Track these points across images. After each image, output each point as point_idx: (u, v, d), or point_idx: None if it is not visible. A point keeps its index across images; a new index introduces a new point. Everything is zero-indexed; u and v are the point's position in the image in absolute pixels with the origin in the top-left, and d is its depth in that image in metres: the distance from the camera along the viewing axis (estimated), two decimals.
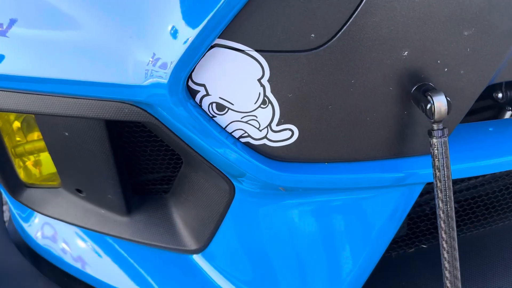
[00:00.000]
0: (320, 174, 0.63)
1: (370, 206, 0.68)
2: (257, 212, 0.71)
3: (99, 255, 0.93)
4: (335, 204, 0.68)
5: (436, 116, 0.54)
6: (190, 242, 0.81)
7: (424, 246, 0.88)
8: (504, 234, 0.91)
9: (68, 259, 0.96)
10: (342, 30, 0.52)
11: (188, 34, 0.52)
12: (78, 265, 0.95)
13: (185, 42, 0.52)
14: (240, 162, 0.61)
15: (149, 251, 0.86)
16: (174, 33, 0.53)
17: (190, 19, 0.52)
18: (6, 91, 0.68)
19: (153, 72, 0.55)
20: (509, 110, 0.75)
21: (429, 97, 0.54)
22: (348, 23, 0.52)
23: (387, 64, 0.55)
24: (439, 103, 0.53)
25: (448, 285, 0.59)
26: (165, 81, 0.56)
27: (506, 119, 0.75)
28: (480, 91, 0.59)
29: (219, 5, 0.51)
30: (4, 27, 0.64)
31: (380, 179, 0.65)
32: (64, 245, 0.98)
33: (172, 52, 0.53)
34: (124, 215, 0.85)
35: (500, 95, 0.73)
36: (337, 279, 0.75)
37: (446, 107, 0.53)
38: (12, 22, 0.65)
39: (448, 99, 0.54)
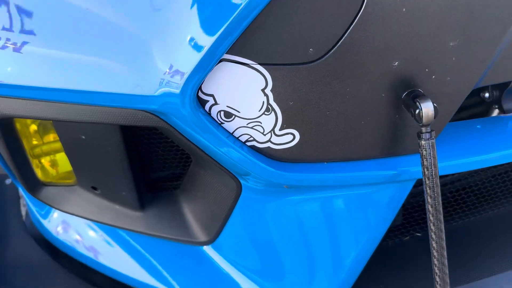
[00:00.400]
0: (319, 173, 0.69)
1: (366, 201, 0.75)
2: (262, 208, 0.77)
3: (115, 248, 1.00)
4: (334, 199, 0.75)
5: (424, 120, 0.60)
6: (200, 235, 0.88)
7: (418, 234, 0.95)
8: (494, 221, 0.97)
9: (85, 251, 1.03)
10: (338, 45, 0.58)
11: (199, 50, 0.58)
12: (94, 256, 1.02)
13: (197, 57, 0.58)
14: (246, 164, 0.68)
15: (161, 243, 0.93)
16: (187, 50, 0.59)
17: (201, 37, 0.58)
18: (30, 100, 0.74)
19: (167, 84, 0.61)
20: (495, 109, 0.80)
21: (417, 103, 0.60)
22: (343, 38, 0.58)
23: (379, 73, 0.61)
24: (427, 109, 0.59)
25: (437, 271, 0.66)
26: (177, 91, 0.61)
27: (493, 116, 0.81)
28: (465, 95, 0.65)
29: (227, 23, 0.56)
30: (25, 42, 0.70)
31: (375, 176, 0.71)
32: (80, 239, 1.04)
33: (184, 66, 0.59)
34: (138, 210, 0.92)
35: (487, 95, 0.79)
36: (338, 265, 0.81)
37: (433, 112, 0.59)
38: (35, 36, 0.70)
39: (435, 105, 0.60)
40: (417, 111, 0.60)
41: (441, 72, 0.62)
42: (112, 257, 1.00)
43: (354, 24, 0.57)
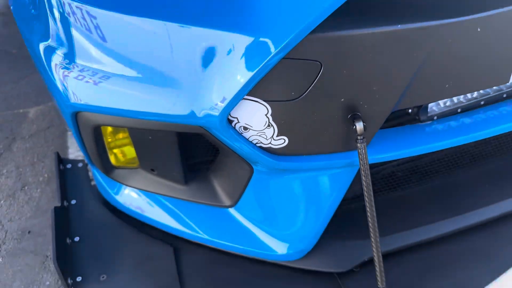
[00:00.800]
0: (301, 162, 1.17)
1: (332, 177, 1.23)
2: (267, 182, 1.26)
3: (165, 210, 1.49)
4: (312, 177, 1.23)
5: (358, 132, 1.07)
6: (226, 201, 1.37)
7: None
8: (425, 192, 1.46)
9: (142, 212, 1.53)
10: (308, 90, 1.05)
11: (231, 93, 1.05)
12: (150, 215, 1.51)
13: (229, 97, 1.05)
14: (256, 156, 1.16)
15: (200, 206, 1.42)
16: (224, 92, 1.06)
17: (233, 86, 1.05)
18: (117, 116, 1.22)
19: (212, 110, 1.08)
20: (417, 119, 1.27)
21: (354, 122, 1.08)
22: (310, 87, 1.05)
23: (333, 105, 1.08)
24: (360, 127, 1.07)
25: (369, 219, 1.15)
26: (217, 114, 1.09)
27: (415, 124, 1.28)
28: (386, 117, 1.12)
29: (250, 76, 1.03)
30: (100, 81, 1.17)
31: (337, 163, 1.20)
32: (140, 204, 1.54)
33: (221, 102, 1.06)
34: (183, 185, 1.41)
35: (410, 110, 1.26)
36: (316, 215, 1.30)
37: (363, 128, 1.07)
38: (114, 74, 1.18)
39: (364, 124, 1.08)
40: (354, 127, 1.08)
41: (369, 103, 1.09)
42: (163, 216, 1.50)
43: (316, 79, 1.04)
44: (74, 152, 2.30)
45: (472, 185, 1.45)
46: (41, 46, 1.38)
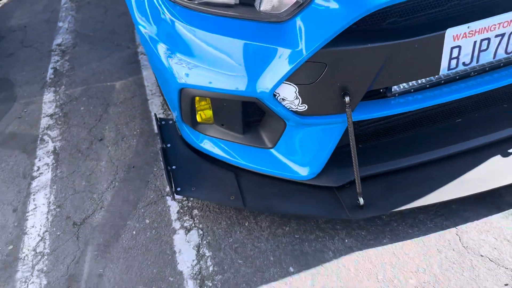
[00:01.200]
0: (315, 119, 2.05)
1: (334, 128, 2.10)
2: (294, 132, 2.14)
3: (229, 150, 2.38)
4: (321, 128, 2.10)
5: (346, 103, 1.93)
6: (268, 144, 2.25)
7: (360, 146, 2.30)
8: (404, 141, 2.31)
9: (215, 151, 2.43)
10: (319, 78, 1.91)
11: (276, 80, 1.91)
12: (220, 153, 2.41)
13: (274, 82, 1.92)
14: (288, 115, 2.04)
15: (252, 148, 2.30)
16: (272, 79, 1.92)
17: (278, 74, 1.91)
18: (207, 91, 2.10)
19: (265, 89, 1.96)
20: (386, 95, 2.11)
21: (344, 96, 1.93)
22: (320, 76, 1.91)
23: (333, 86, 1.94)
24: (347, 99, 1.93)
25: (352, 152, 2.01)
26: (267, 91, 1.96)
27: (385, 98, 2.12)
28: (363, 94, 1.97)
29: (288, 70, 1.89)
30: (196, 65, 2.05)
31: (338, 120, 2.06)
32: (213, 146, 2.44)
33: (270, 85, 1.93)
34: (242, 134, 2.29)
35: (381, 90, 2.10)
36: (324, 150, 2.17)
37: (349, 100, 1.93)
38: (201, 63, 2.06)
39: (350, 98, 1.93)
40: (344, 99, 1.93)
41: (353, 86, 1.95)
42: (228, 154, 2.39)
43: (323, 72, 1.90)
44: None
45: (428, 134, 2.30)
46: (147, 35, 2.27)
